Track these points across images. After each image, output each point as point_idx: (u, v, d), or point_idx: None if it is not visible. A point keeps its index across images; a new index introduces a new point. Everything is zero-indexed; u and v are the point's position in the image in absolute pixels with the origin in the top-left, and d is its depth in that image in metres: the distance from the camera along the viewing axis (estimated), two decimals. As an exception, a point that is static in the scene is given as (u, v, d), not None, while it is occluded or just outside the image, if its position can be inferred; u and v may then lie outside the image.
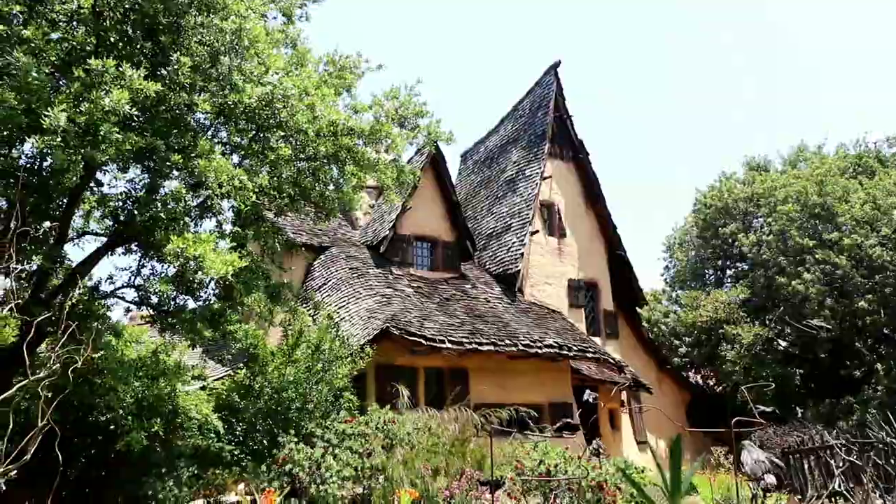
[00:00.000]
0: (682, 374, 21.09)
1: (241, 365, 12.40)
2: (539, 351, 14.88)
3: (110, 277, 11.96)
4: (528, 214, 18.04)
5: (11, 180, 9.54)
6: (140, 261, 11.88)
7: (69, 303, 8.37)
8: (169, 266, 9.46)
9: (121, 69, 7.27)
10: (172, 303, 11.09)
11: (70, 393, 7.92)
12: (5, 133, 7.37)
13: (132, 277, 11.91)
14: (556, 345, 15.19)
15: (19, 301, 7.40)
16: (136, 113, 7.51)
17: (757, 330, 18.09)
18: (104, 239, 10.88)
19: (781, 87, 58.94)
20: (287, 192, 10.57)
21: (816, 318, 17.47)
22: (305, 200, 11.11)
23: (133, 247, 11.12)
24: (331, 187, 10.74)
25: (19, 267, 7.80)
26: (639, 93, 62.58)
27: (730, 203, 21.71)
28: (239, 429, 11.40)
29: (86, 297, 10.86)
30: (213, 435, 10.78)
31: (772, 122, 58.21)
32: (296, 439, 10.10)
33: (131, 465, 9.87)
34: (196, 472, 10.56)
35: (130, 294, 11.80)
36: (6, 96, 6.83)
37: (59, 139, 6.70)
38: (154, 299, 11.60)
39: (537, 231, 18.20)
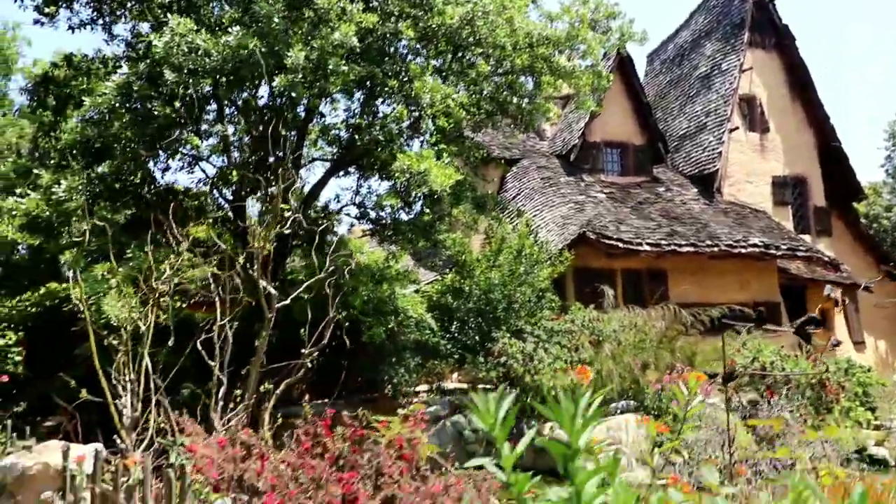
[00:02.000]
0: (909, 271, 19.15)
1: (448, 270, 13.52)
2: (743, 251, 14.46)
3: (336, 197, 13.51)
4: (725, 111, 17.05)
5: (252, 117, 11.06)
6: (358, 181, 13.30)
7: (330, 218, 9.69)
8: (390, 182, 10.49)
9: (340, 5, 8.11)
10: (391, 217, 12.35)
11: (317, 294, 9.33)
12: (254, 75, 8.57)
13: (353, 196, 13.41)
14: (761, 244, 14.64)
15: (296, 218, 8.73)
16: (357, 44, 8.36)
17: None
18: (328, 164, 12.30)
19: None
20: (485, 107, 11.12)
21: None
22: (503, 114, 11.61)
23: (351, 170, 12.46)
24: (526, 100, 11.08)
25: (279, 188, 9.19)
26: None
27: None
28: (454, 326, 12.57)
29: (321, 215, 12.47)
30: (428, 331, 12.02)
31: None
32: (508, 335, 11.04)
33: (367, 355, 11.44)
34: (420, 361, 11.91)
35: (353, 211, 13.32)
36: (247, 41, 7.90)
37: (299, 76, 7.75)
38: (372, 214, 13.01)
39: (737, 128, 17.17)
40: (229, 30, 7.91)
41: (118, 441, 5.11)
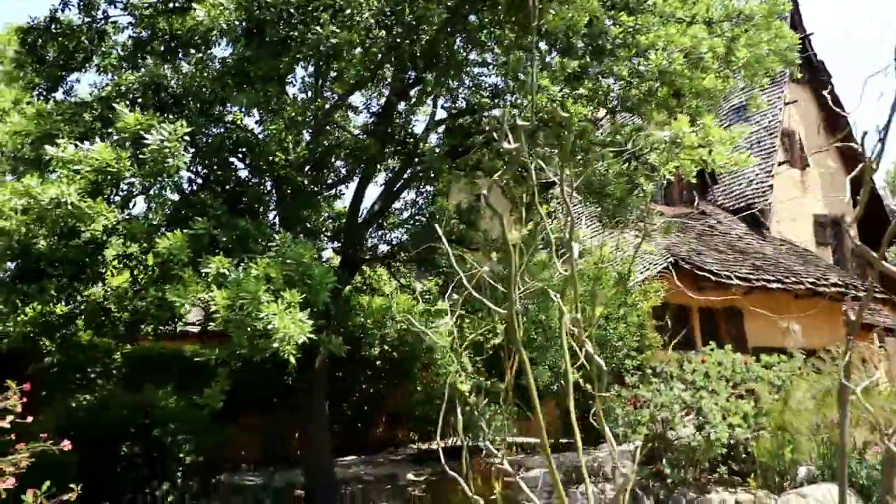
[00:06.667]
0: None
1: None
2: (827, 290, 13.16)
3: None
4: (771, 144, 16.08)
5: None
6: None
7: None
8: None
9: None
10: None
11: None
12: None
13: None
14: (841, 283, 13.43)
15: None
16: None
17: None
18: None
19: None
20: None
21: None
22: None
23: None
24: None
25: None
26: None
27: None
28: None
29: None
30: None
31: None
32: (656, 379, 8.79)
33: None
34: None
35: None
36: None
37: None
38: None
39: (786, 161, 16.23)
40: None
41: None
